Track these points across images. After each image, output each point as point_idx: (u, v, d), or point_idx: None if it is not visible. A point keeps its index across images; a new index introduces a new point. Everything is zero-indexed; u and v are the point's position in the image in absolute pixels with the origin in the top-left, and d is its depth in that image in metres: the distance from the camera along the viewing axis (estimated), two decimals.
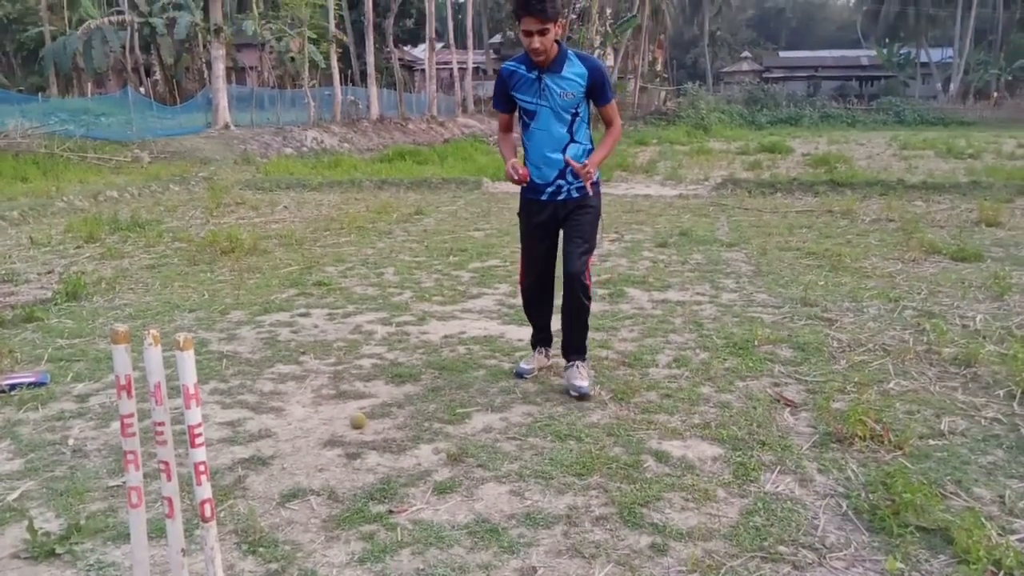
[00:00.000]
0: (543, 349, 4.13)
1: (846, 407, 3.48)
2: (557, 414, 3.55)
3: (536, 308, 4.07)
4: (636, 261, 6.94)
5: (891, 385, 3.86)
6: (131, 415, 2.23)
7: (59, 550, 2.50)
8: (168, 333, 2.16)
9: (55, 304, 5.50)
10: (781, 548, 2.51)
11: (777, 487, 2.90)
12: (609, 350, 4.42)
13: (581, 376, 3.80)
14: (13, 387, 3.90)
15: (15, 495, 2.89)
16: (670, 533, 2.60)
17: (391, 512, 2.74)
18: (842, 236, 8.03)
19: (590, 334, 3.98)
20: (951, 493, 2.82)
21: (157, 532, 2.46)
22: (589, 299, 3.78)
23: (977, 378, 3.94)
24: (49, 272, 6.64)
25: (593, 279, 3.92)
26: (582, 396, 3.71)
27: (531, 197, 3.83)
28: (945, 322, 4.77)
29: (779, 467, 3.04)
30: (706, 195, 11.80)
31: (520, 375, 4.03)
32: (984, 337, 4.54)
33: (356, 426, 3.44)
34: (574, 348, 3.90)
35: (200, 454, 2.18)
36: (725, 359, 4.26)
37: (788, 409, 3.60)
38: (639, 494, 2.83)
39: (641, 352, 4.38)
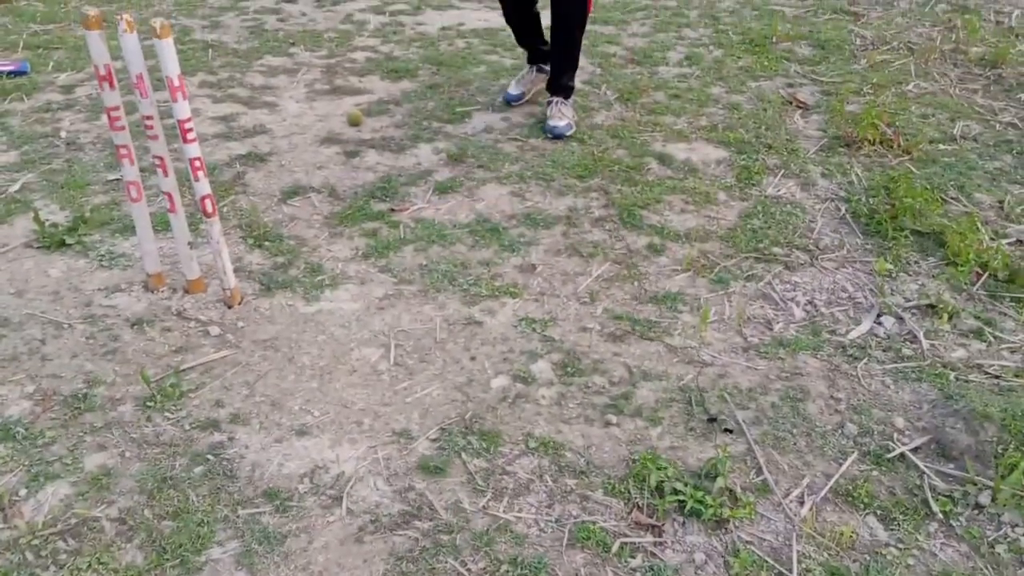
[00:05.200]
0: (539, 66, 3.52)
1: (860, 110, 3.36)
2: None
3: (518, 24, 3.39)
4: None
5: (910, 87, 3.70)
6: (117, 107, 2.14)
7: (69, 240, 2.55)
8: (146, 19, 1.98)
9: None
10: (775, 249, 2.57)
11: (778, 191, 2.89)
12: (618, 46, 4.17)
13: (560, 115, 3.26)
14: None
15: (16, 187, 2.88)
16: (668, 234, 2.64)
17: (392, 211, 2.76)
18: None
19: (597, 28, 3.69)
20: (952, 198, 2.82)
21: (163, 225, 2.49)
22: (582, 28, 3.18)
23: (1001, 80, 3.77)
24: None
25: None
26: (557, 137, 3.22)
27: None
28: (979, 18, 4.45)
29: (783, 171, 3.01)
30: None
31: (509, 102, 3.51)
32: (1017, 35, 4.26)
33: (353, 123, 3.35)
34: (559, 86, 3.31)
35: (194, 149, 2.13)
36: (740, 57, 4.03)
37: (800, 111, 3.49)
38: (640, 196, 2.83)
39: (651, 48, 4.14)
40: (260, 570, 1.57)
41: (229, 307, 2.28)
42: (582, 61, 3.75)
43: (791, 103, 3.56)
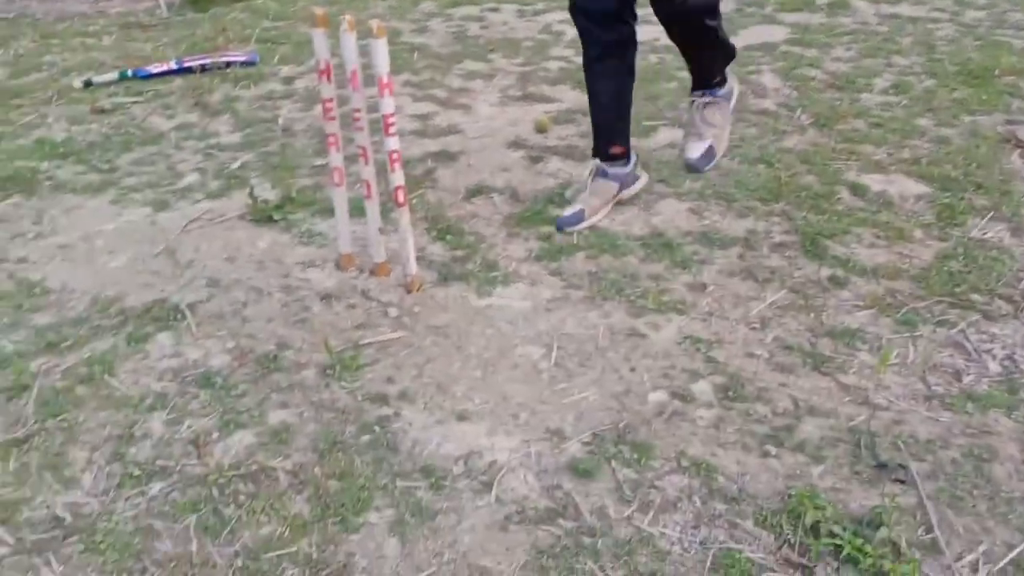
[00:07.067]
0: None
1: None
2: (749, 136, 3.35)
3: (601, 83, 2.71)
4: None
5: None
6: (331, 99, 2.34)
7: (276, 216, 2.81)
8: (363, 21, 2.15)
9: None
10: (974, 296, 2.37)
11: (985, 234, 2.66)
12: (818, 70, 4.00)
13: (699, 134, 2.92)
14: (229, 64, 4.17)
15: (237, 164, 3.22)
16: (853, 267, 2.50)
17: None
18: None
19: (798, 50, 3.51)
20: None
21: (357, 211, 2.68)
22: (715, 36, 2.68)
23: None
24: None
25: None
26: (689, 168, 2.94)
27: None
28: None
29: (992, 213, 2.77)
30: None
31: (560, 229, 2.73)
32: None
33: (540, 129, 3.44)
34: (699, 78, 2.90)
35: (393, 142, 2.29)
36: (954, 88, 3.75)
37: (1018, 151, 3.19)
38: (826, 225, 2.71)
39: (855, 74, 3.94)
40: (410, 540, 1.66)
41: (408, 292, 2.43)
42: (776, 82, 3.63)
43: (1009, 141, 3.26)
